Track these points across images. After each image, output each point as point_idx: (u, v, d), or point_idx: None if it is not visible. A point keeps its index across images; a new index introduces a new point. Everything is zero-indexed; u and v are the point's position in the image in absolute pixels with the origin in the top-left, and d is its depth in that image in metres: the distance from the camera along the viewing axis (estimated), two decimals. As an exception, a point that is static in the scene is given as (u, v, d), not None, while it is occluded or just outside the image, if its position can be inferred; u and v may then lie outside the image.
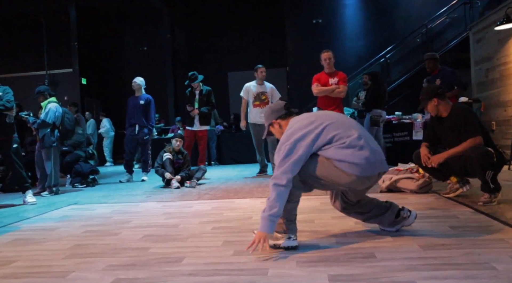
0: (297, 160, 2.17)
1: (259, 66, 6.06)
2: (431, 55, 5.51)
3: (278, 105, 2.52)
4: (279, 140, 2.34)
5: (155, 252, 2.36)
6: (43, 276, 2.04)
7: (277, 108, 2.51)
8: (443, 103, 3.34)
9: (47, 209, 4.13)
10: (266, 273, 1.90)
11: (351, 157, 2.17)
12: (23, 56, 13.39)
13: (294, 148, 2.19)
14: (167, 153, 5.54)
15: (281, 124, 2.46)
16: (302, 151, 2.18)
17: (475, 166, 3.11)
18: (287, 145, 2.21)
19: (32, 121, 5.30)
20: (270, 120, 2.51)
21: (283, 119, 2.46)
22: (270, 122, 2.51)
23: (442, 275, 1.75)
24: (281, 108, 2.49)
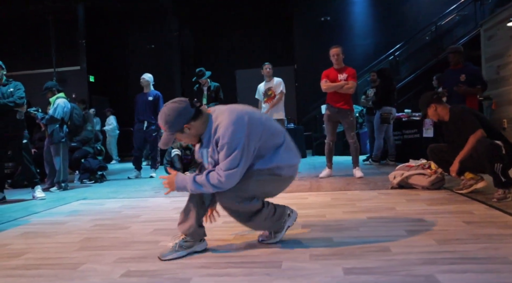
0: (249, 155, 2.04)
1: (264, 64, 6.07)
2: (456, 48, 5.17)
3: (183, 105, 2.04)
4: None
5: (165, 245, 2.33)
6: (54, 267, 2.03)
7: (183, 109, 2.02)
8: (441, 107, 3.46)
9: (56, 204, 4.13)
10: (280, 265, 1.87)
11: (293, 159, 2.22)
12: (31, 54, 13.45)
13: (249, 141, 2.01)
14: (175, 149, 5.52)
15: (195, 127, 2.06)
16: (253, 144, 2.04)
17: (483, 160, 3.09)
18: (241, 138, 1.98)
19: (40, 117, 5.31)
20: (180, 127, 2.03)
21: (195, 119, 2.05)
22: (180, 128, 2.03)
23: (460, 269, 1.71)
24: (188, 109, 2.03)
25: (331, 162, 5.31)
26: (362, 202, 3.37)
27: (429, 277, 1.64)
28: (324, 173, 5.20)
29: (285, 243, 2.23)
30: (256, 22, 13.30)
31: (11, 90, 4.58)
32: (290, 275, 1.74)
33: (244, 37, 13.31)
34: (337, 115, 5.19)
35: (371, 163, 6.78)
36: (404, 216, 2.77)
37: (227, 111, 2.07)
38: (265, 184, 2.16)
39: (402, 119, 7.08)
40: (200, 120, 2.07)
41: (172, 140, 2.11)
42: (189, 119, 2.03)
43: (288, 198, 3.72)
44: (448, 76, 5.21)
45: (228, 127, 1.99)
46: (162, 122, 2.06)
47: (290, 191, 4.14)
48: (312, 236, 2.36)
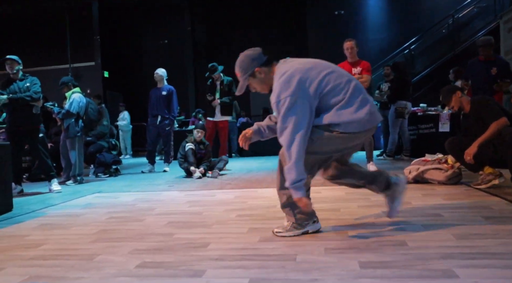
0: (303, 114, 1.99)
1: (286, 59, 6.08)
2: (486, 41, 4.91)
3: (256, 52, 2.20)
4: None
5: (180, 237, 2.35)
6: (71, 258, 2.05)
7: (256, 56, 2.18)
8: (465, 97, 3.43)
9: (72, 197, 4.19)
10: (295, 258, 1.85)
11: (354, 115, 2.04)
12: (47, 50, 13.65)
13: (298, 99, 1.98)
14: (189, 143, 5.54)
15: (265, 73, 2.17)
16: (307, 104, 2.00)
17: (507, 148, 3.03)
18: (287, 96, 1.99)
19: (56, 112, 5.39)
20: (251, 70, 2.16)
21: (266, 66, 2.17)
22: (252, 72, 2.17)
23: (480, 264, 1.67)
24: (260, 55, 2.19)
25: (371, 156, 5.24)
26: (377, 197, 3.28)
27: (447, 272, 1.60)
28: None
29: (299, 237, 2.21)
30: (269, 17, 13.25)
31: (27, 85, 4.65)
32: (305, 268, 1.72)
33: (257, 32, 13.26)
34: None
35: (385, 158, 6.71)
36: (421, 211, 2.72)
37: (284, 70, 2.11)
38: (322, 142, 2.08)
39: (418, 114, 6.97)
40: (270, 68, 2.17)
41: (245, 86, 2.23)
42: (260, 64, 2.16)
43: (302, 192, 3.71)
44: (477, 68, 4.98)
45: (276, 88, 2.07)
46: (237, 68, 2.24)
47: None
48: (327, 229, 2.33)
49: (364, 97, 2.11)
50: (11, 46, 11.22)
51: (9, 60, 4.64)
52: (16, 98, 4.50)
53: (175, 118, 6.96)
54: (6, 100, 4.47)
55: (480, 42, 4.97)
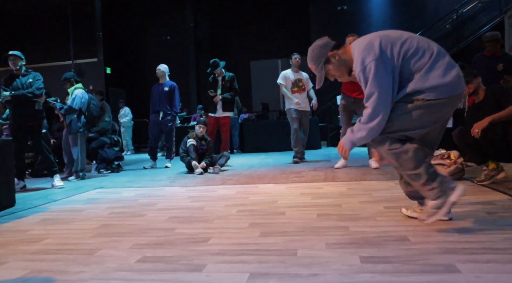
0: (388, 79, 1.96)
1: (294, 55, 6.14)
2: (493, 36, 4.82)
3: (324, 40, 2.18)
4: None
5: (181, 232, 2.34)
6: (73, 253, 2.06)
7: (324, 43, 2.16)
8: (482, 86, 3.42)
9: (74, 192, 4.20)
10: (295, 253, 1.85)
11: (442, 78, 1.95)
12: (49, 47, 13.67)
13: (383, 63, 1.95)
14: (191, 139, 5.54)
15: (339, 55, 2.14)
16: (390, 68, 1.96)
17: None
18: (371, 61, 1.96)
19: (59, 107, 5.39)
20: (325, 56, 2.14)
21: (338, 49, 2.14)
22: (326, 58, 2.14)
23: (483, 259, 1.66)
24: (329, 41, 2.16)
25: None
26: (379, 192, 3.32)
27: (449, 267, 1.59)
28: (340, 164, 5.15)
29: (300, 232, 2.21)
30: (272, 13, 13.19)
31: (30, 81, 4.66)
32: (305, 263, 1.72)
33: (260, 28, 13.22)
34: (353, 105, 5.11)
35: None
36: (423, 206, 2.70)
37: (362, 40, 2.10)
38: (410, 115, 1.99)
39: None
40: (344, 49, 2.14)
41: (323, 76, 2.18)
42: (332, 48, 2.13)
43: (302, 188, 3.71)
44: (482, 63, 4.91)
45: (358, 57, 2.03)
46: (309, 61, 2.20)
47: (305, 181, 4.12)
48: (328, 225, 2.33)
49: (450, 59, 2.04)
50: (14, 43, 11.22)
51: (12, 56, 4.64)
52: (18, 94, 4.51)
53: (177, 114, 6.96)
54: (9, 97, 4.48)
55: (487, 37, 4.89)
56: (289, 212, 2.73)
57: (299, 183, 4.02)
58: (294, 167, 5.55)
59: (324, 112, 11.26)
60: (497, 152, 3.31)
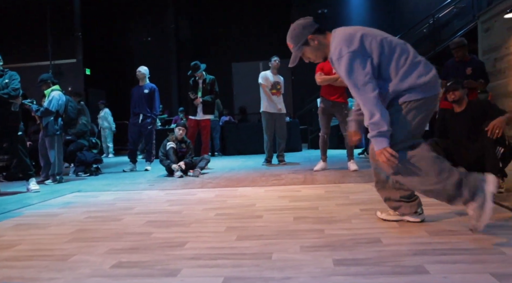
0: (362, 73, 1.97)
1: (274, 57, 6.25)
2: (459, 42, 4.93)
3: (307, 20, 2.17)
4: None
5: (158, 236, 2.34)
6: (46, 259, 2.02)
7: (307, 23, 2.15)
8: (466, 98, 3.44)
9: (50, 196, 4.12)
10: (270, 257, 1.87)
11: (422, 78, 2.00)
12: (27, 46, 13.34)
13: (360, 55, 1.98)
14: (170, 142, 5.51)
15: (319, 39, 2.13)
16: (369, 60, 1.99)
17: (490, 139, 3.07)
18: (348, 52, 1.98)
19: (35, 109, 5.28)
20: (305, 37, 2.13)
21: (320, 33, 2.14)
22: (305, 40, 2.13)
23: (450, 260, 1.71)
24: (312, 23, 2.15)
25: (325, 155, 5.30)
26: (356, 195, 3.37)
27: (418, 268, 1.64)
28: (319, 166, 5.20)
29: (276, 235, 2.23)
30: (253, 16, 13.25)
31: (6, 81, 4.53)
32: (279, 266, 1.74)
33: (241, 30, 13.25)
34: (332, 109, 5.18)
35: (366, 156, 6.78)
36: (397, 208, 2.76)
37: (343, 30, 2.11)
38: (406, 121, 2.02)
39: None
40: (325, 35, 2.13)
41: (298, 57, 2.18)
42: (313, 31, 2.12)
43: (280, 191, 3.74)
44: (453, 68, 5.06)
45: (337, 46, 2.04)
46: (288, 39, 2.18)
47: (284, 184, 4.15)
48: (304, 228, 2.36)
49: (427, 61, 2.08)
50: (-11, 42, 10.93)
51: None
52: None
53: (157, 116, 6.91)
54: None
55: (453, 44, 5.04)
56: (266, 215, 2.75)
57: (277, 186, 4.05)
58: (274, 170, 5.58)
59: (305, 115, 11.37)
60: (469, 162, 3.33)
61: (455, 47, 4.93)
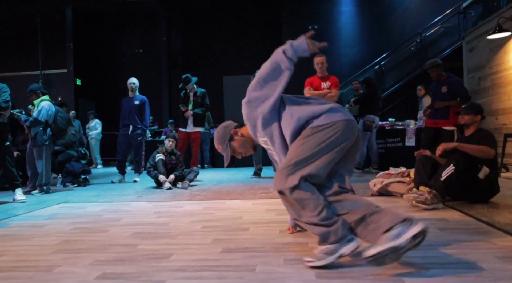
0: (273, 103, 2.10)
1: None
2: (432, 63, 5.15)
3: (227, 122, 2.38)
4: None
5: (143, 248, 2.35)
6: (30, 270, 2.02)
7: (227, 124, 2.36)
8: (477, 125, 3.54)
9: (36, 207, 4.10)
10: (254, 269, 1.90)
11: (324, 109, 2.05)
12: (17, 56, 13.33)
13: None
14: (159, 153, 5.53)
15: (241, 132, 2.29)
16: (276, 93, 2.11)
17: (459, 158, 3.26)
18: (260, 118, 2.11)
19: (24, 119, 5.27)
20: (228, 134, 2.29)
21: (240, 127, 2.31)
22: (230, 136, 2.28)
23: (428, 273, 1.76)
24: (231, 122, 2.36)
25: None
26: (342, 208, 3.41)
27: (396, 281, 1.68)
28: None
29: (261, 248, 2.26)
30: (245, 29, 13.42)
31: (-4, 93, 4.54)
32: (262, 278, 1.77)
33: (233, 44, 13.39)
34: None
35: (354, 171, 6.87)
36: (381, 222, 2.82)
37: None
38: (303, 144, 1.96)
39: (386, 128, 7.20)
40: (244, 127, 2.27)
41: (229, 154, 2.31)
42: (234, 127, 2.30)
43: (268, 204, 3.78)
44: (433, 89, 5.28)
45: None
46: (216, 142, 2.35)
47: (271, 197, 4.18)
48: (289, 241, 2.39)
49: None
50: (-21, 51, 10.90)
51: None
52: None
53: (147, 128, 6.93)
54: None
55: (427, 65, 5.21)
56: (252, 228, 2.78)
57: (265, 199, 4.09)
58: (263, 183, 5.61)
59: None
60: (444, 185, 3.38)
61: (429, 68, 5.12)
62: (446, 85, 5.02)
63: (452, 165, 3.26)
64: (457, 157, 3.30)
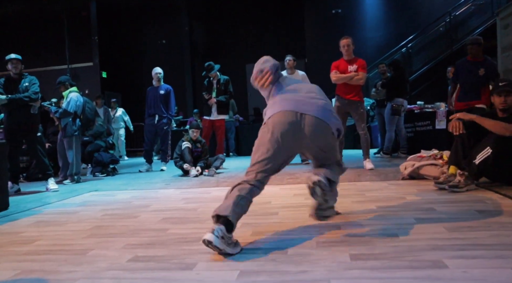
0: None
1: (287, 57, 6.09)
2: (477, 40, 4.87)
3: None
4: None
5: (173, 232, 2.36)
6: (65, 253, 2.06)
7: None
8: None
9: (68, 195, 4.20)
10: (286, 252, 1.86)
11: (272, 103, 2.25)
12: (45, 51, 13.66)
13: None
14: (185, 142, 5.56)
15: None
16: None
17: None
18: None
19: (54, 111, 5.39)
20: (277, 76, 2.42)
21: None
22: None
23: (470, 255, 1.68)
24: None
25: (341, 154, 5.26)
26: (372, 192, 3.34)
27: (436, 262, 1.61)
28: (335, 165, 5.15)
29: (292, 231, 2.22)
30: (267, 16, 13.25)
31: (26, 84, 4.66)
32: (295, 260, 1.73)
33: (255, 32, 13.27)
34: (347, 107, 5.14)
35: (382, 156, 6.72)
36: (414, 205, 2.73)
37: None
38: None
39: (415, 111, 6.98)
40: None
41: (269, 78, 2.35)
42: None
43: (296, 189, 3.73)
44: (465, 68, 4.99)
45: None
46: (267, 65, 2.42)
47: (299, 182, 4.13)
48: (320, 224, 2.34)
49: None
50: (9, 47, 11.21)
51: (14, 60, 4.65)
52: (15, 98, 4.50)
53: (172, 117, 6.97)
54: (5, 101, 4.47)
55: (469, 41, 4.97)
56: (281, 212, 2.74)
57: (293, 184, 4.04)
58: (289, 169, 5.56)
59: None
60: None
61: (470, 44, 4.86)
62: (484, 68, 4.76)
63: (489, 148, 3.09)
64: (493, 139, 3.13)
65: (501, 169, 3.18)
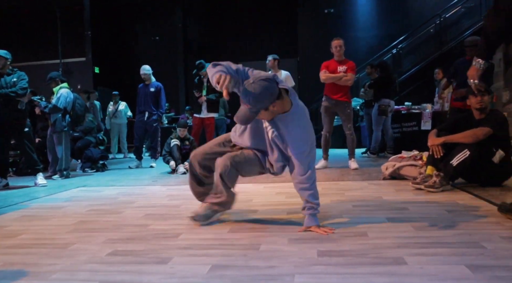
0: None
1: (269, 57, 6.19)
2: (474, 41, 4.91)
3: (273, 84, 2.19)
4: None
5: (154, 228, 2.44)
6: (46, 247, 2.13)
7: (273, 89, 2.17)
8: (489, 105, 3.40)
9: (56, 190, 4.26)
10: (258, 248, 1.95)
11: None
12: (38, 46, 13.60)
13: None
14: (174, 139, 5.62)
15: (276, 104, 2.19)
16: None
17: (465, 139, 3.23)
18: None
19: (43, 106, 5.43)
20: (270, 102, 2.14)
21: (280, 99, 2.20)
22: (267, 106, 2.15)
23: (430, 253, 1.78)
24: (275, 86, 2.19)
25: (327, 153, 5.36)
26: (352, 192, 3.44)
27: (397, 259, 1.71)
28: (320, 165, 5.26)
29: (267, 229, 2.31)
30: (260, 15, 13.30)
31: (14, 80, 4.69)
32: (265, 256, 1.82)
33: (248, 30, 13.32)
34: (335, 107, 5.23)
35: (369, 156, 6.83)
36: (389, 205, 2.83)
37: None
38: None
39: (402, 112, 7.10)
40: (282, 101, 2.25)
41: (254, 118, 2.19)
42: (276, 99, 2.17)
43: (279, 188, 3.82)
44: (463, 67, 5.08)
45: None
46: (251, 100, 2.12)
47: (283, 181, 4.21)
48: (295, 222, 2.43)
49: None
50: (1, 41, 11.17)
51: None
52: (1, 93, 4.54)
53: (162, 114, 7.03)
54: None
55: (467, 42, 5.05)
56: (261, 210, 2.83)
57: (277, 183, 4.13)
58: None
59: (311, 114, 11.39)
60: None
61: (468, 46, 4.94)
62: None
63: (467, 150, 3.20)
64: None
65: (477, 170, 3.30)
